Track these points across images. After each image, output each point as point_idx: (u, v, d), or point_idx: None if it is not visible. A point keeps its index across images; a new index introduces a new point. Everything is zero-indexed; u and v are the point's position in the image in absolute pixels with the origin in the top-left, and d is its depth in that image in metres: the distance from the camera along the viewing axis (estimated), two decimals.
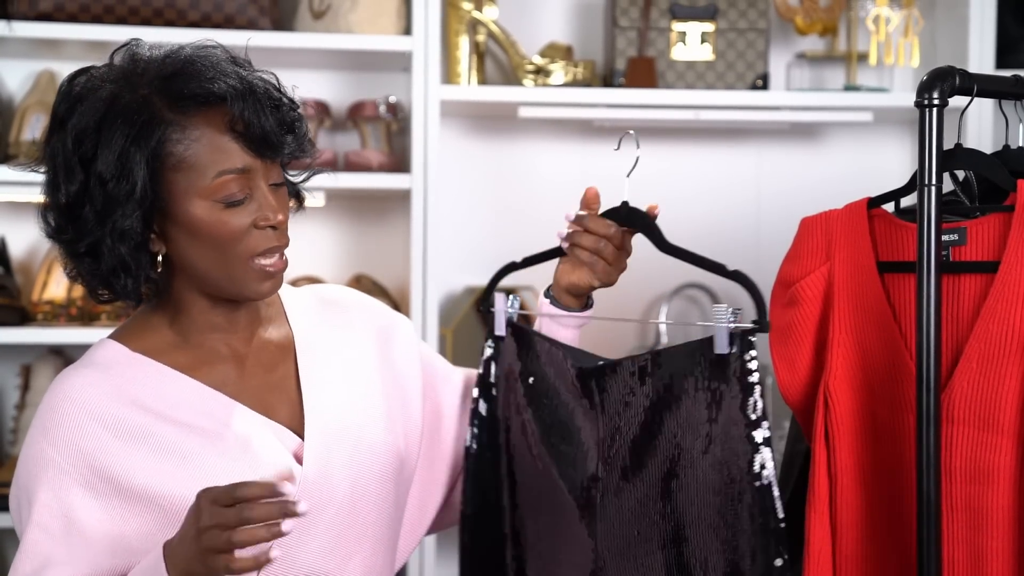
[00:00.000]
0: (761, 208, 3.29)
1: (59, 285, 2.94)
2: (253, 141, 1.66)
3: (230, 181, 1.65)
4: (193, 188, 1.65)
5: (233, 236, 1.66)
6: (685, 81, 3.07)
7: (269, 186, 1.69)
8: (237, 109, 1.64)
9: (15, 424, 2.97)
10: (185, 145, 1.64)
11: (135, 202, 1.63)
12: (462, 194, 3.22)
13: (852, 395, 1.84)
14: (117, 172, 1.63)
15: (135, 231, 1.65)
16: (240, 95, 1.65)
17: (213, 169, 1.65)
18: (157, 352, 1.73)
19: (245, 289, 1.70)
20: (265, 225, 1.67)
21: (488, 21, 3.07)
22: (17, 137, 2.92)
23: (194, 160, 1.64)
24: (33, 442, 1.67)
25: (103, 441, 1.65)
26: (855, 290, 1.85)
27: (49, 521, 1.64)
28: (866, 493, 1.84)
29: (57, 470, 1.64)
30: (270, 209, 1.68)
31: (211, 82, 1.64)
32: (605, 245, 1.91)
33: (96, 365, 1.71)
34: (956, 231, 1.80)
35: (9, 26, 2.83)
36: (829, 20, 3.15)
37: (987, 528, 1.75)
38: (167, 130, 1.64)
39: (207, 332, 1.74)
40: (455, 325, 3.07)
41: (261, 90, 1.68)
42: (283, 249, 1.71)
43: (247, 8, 2.91)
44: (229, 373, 1.74)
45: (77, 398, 1.67)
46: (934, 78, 1.74)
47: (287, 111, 1.70)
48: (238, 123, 1.65)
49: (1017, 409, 1.74)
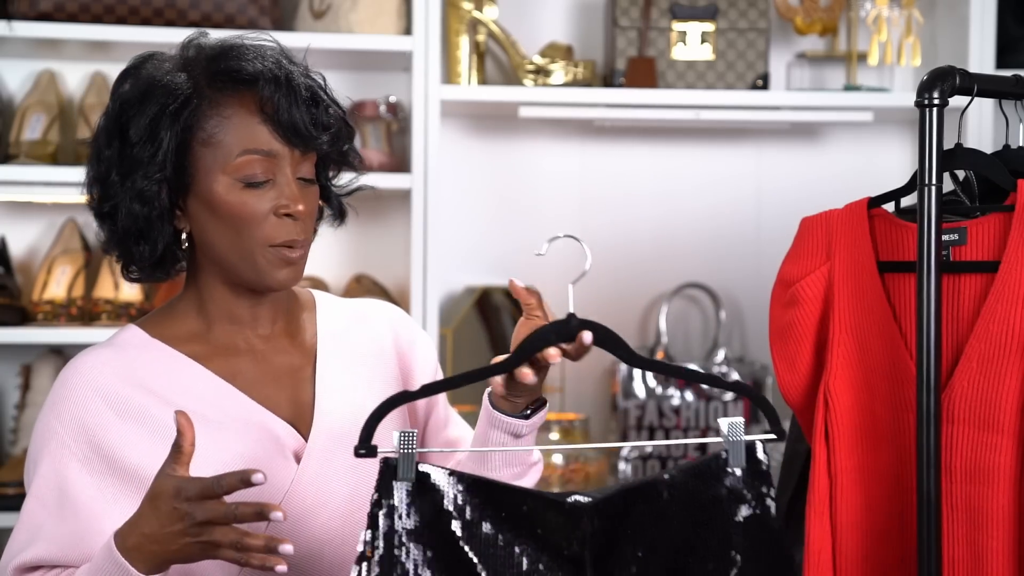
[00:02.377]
0: (761, 208, 3.29)
1: (59, 285, 2.94)
2: (281, 126, 1.68)
3: (254, 161, 1.68)
4: (218, 164, 1.68)
5: (251, 218, 1.68)
6: (685, 81, 3.07)
7: (297, 179, 1.70)
8: (268, 91, 1.67)
9: (15, 424, 2.97)
10: (216, 122, 1.68)
11: (156, 165, 1.67)
12: (462, 194, 3.22)
13: (852, 395, 1.84)
14: (145, 136, 1.67)
15: (152, 193, 1.67)
16: (274, 79, 1.68)
17: (239, 147, 1.67)
18: (176, 340, 1.75)
19: (262, 276, 1.70)
20: (283, 213, 1.68)
21: (488, 21, 3.07)
22: (17, 137, 2.92)
23: (222, 136, 1.67)
24: (43, 414, 1.71)
25: (105, 418, 1.67)
26: (855, 290, 1.85)
27: (46, 493, 1.67)
28: (866, 493, 1.84)
29: (59, 443, 1.67)
30: (291, 197, 1.69)
31: (249, 63, 1.68)
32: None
33: (113, 346, 1.74)
34: (956, 231, 1.80)
35: (9, 26, 2.83)
36: (829, 20, 3.15)
37: (987, 528, 1.75)
38: (201, 104, 1.67)
39: (228, 323, 1.76)
40: (455, 325, 3.07)
41: (299, 81, 1.70)
42: (302, 243, 1.71)
43: (247, 8, 2.91)
44: (243, 366, 1.75)
45: (87, 374, 1.70)
46: (934, 78, 1.74)
47: (325, 109, 1.72)
48: (268, 106, 1.67)
49: (1017, 409, 1.74)
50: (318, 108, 1.71)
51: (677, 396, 3.11)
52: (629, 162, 3.27)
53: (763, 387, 3.15)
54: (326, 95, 1.74)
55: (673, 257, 3.26)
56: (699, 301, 3.28)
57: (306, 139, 1.69)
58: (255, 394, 1.74)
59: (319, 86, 1.74)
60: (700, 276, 3.25)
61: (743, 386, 1.62)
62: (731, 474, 1.57)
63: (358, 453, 1.48)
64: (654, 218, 3.27)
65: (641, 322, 3.27)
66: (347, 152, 1.78)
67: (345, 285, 3.11)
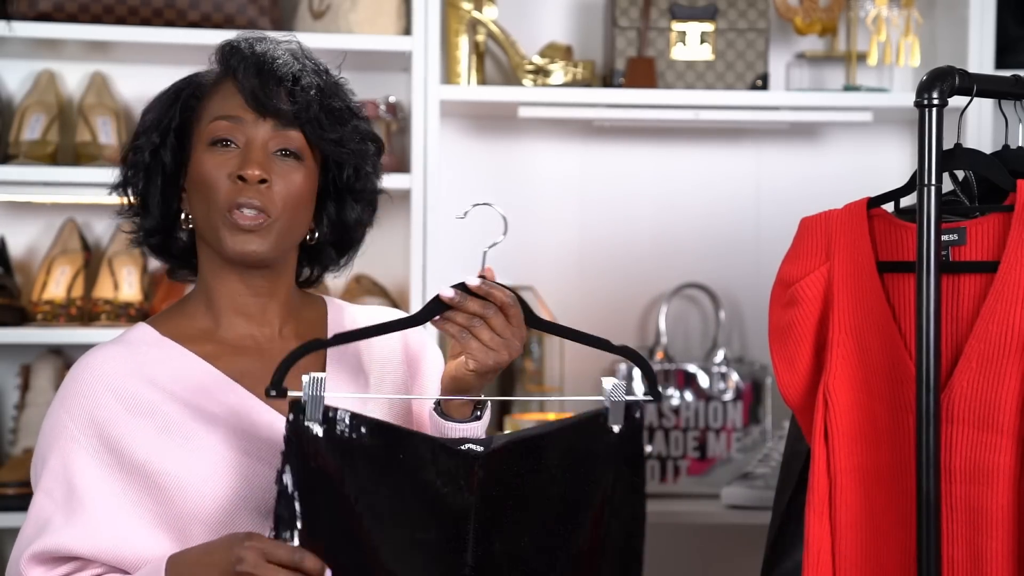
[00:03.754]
0: (761, 208, 3.29)
1: (59, 285, 2.94)
2: (245, 93, 1.73)
3: (220, 125, 1.74)
4: (198, 134, 1.75)
5: (212, 181, 1.72)
6: (685, 81, 3.07)
7: (272, 152, 1.73)
8: (241, 66, 1.74)
9: (15, 424, 2.97)
10: (207, 99, 1.76)
11: (160, 131, 1.76)
12: (462, 194, 3.22)
13: (852, 395, 1.84)
14: (155, 109, 1.78)
15: (149, 154, 1.76)
16: (250, 55, 1.75)
17: (212, 114, 1.75)
18: (185, 338, 1.77)
19: (221, 243, 1.73)
20: (236, 175, 1.71)
21: (488, 21, 3.07)
22: (17, 137, 2.92)
23: (206, 109, 1.75)
24: (52, 409, 1.74)
25: (114, 413, 1.69)
26: (855, 290, 1.85)
27: (55, 486, 1.69)
28: (866, 493, 1.84)
29: (69, 438, 1.69)
30: (247, 161, 1.72)
31: (242, 45, 1.77)
32: (480, 323, 1.66)
33: (124, 343, 1.77)
34: (956, 231, 1.80)
35: (9, 26, 2.82)
36: (829, 20, 3.15)
37: (987, 528, 1.75)
38: (201, 87, 1.78)
39: (235, 315, 1.78)
40: None
41: (277, 61, 1.75)
42: (259, 210, 1.72)
43: (247, 8, 2.91)
44: (251, 366, 1.76)
45: (98, 369, 1.72)
46: (934, 78, 1.74)
47: (303, 85, 1.75)
48: (239, 77, 1.74)
49: (1017, 409, 1.74)
50: (295, 83, 1.74)
51: (677, 396, 3.11)
52: (629, 162, 3.27)
53: (763, 387, 3.15)
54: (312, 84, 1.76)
55: (672, 257, 3.26)
56: (699, 301, 3.28)
57: (271, 107, 1.73)
58: (261, 393, 1.74)
59: (304, 71, 1.77)
60: (700, 276, 3.25)
61: (627, 350, 1.71)
62: (609, 431, 1.68)
63: (268, 393, 1.57)
64: (653, 218, 3.27)
65: (641, 322, 3.26)
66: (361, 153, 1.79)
67: (344, 285, 3.11)
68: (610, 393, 1.68)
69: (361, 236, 1.86)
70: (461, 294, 1.66)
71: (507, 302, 1.67)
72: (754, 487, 2.94)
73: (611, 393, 1.68)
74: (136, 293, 2.94)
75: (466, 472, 1.63)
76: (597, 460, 1.67)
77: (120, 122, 2.99)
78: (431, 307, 1.67)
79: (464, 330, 1.66)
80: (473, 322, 1.66)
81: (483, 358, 1.67)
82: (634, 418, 1.68)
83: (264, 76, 1.74)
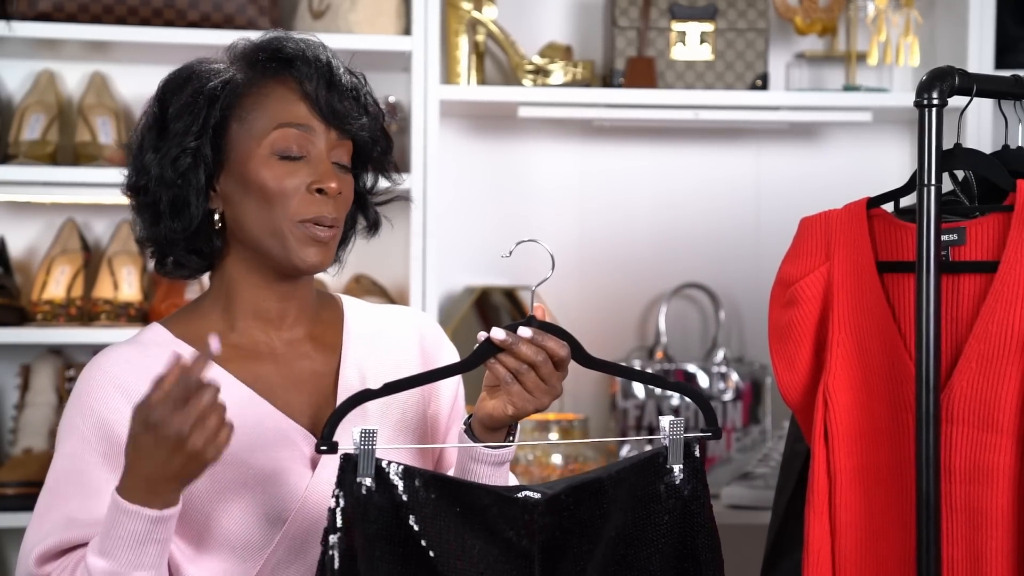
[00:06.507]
0: (761, 208, 3.29)
1: (58, 285, 2.94)
2: (319, 103, 1.70)
3: (289, 134, 1.70)
4: (254, 139, 1.70)
5: (283, 192, 1.68)
6: (684, 81, 3.07)
7: (332, 163, 1.71)
8: (307, 70, 1.70)
9: (15, 424, 2.97)
10: (254, 100, 1.70)
11: (192, 135, 1.69)
12: (462, 194, 3.22)
13: (851, 395, 1.84)
14: (182, 111, 1.70)
15: (185, 164, 1.69)
16: (314, 59, 1.71)
17: (275, 121, 1.70)
18: (199, 340, 1.73)
19: (291, 254, 1.70)
20: (315, 188, 1.69)
21: (488, 21, 3.07)
22: (17, 137, 2.92)
23: (260, 112, 1.70)
24: (66, 411, 1.73)
25: (124, 414, 1.67)
26: (854, 290, 1.85)
27: (63, 486, 1.68)
28: (865, 493, 1.84)
29: (80, 438, 1.69)
30: (324, 173, 1.69)
31: (290, 45, 1.72)
32: (527, 370, 1.63)
33: (137, 343, 1.75)
34: (955, 231, 1.80)
35: (9, 26, 2.83)
36: (828, 20, 3.15)
37: (987, 528, 1.75)
38: (241, 85, 1.70)
39: (253, 319, 1.75)
40: (454, 325, 3.07)
41: (340, 69, 1.73)
42: (332, 223, 1.70)
43: (246, 8, 2.91)
44: (264, 371, 1.75)
45: (109, 370, 1.71)
46: (933, 78, 1.75)
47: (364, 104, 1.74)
48: (307, 84, 1.70)
49: (1017, 409, 1.74)
50: (357, 97, 1.73)
51: (676, 396, 3.11)
52: (628, 162, 3.27)
53: (763, 387, 3.15)
54: (367, 93, 1.76)
55: (672, 257, 3.26)
56: (698, 301, 3.28)
57: (342, 117, 1.71)
58: (275, 399, 1.73)
59: (359, 83, 1.76)
60: (699, 276, 3.25)
61: (685, 386, 1.69)
62: (669, 471, 1.64)
63: (319, 449, 1.54)
64: (653, 218, 3.27)
65: (640, 322, 3.27)
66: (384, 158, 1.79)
67: (344, 285, 3.11)
68: (669, 432, 1.63)
69: (354, 235, 1.85)
70: (514, 336, 1.61)
71: (560, 354, 1.63)
72: (754, 487, 2.94)
73: (670, 431, 1.64)
74: (136, 293, 2.94)
75: (526, 519, 1.59)
76: (659, 500, 1.63)
77: (120, 122, 2.99)
78: (482, 350, 1.61)
79: (511, 374, 1.62)
80: (521, 367, 1.62)
81: (523, 404, 1.63)
82: (694, 456, 1.64)
83: (333, 87, 1.71)
